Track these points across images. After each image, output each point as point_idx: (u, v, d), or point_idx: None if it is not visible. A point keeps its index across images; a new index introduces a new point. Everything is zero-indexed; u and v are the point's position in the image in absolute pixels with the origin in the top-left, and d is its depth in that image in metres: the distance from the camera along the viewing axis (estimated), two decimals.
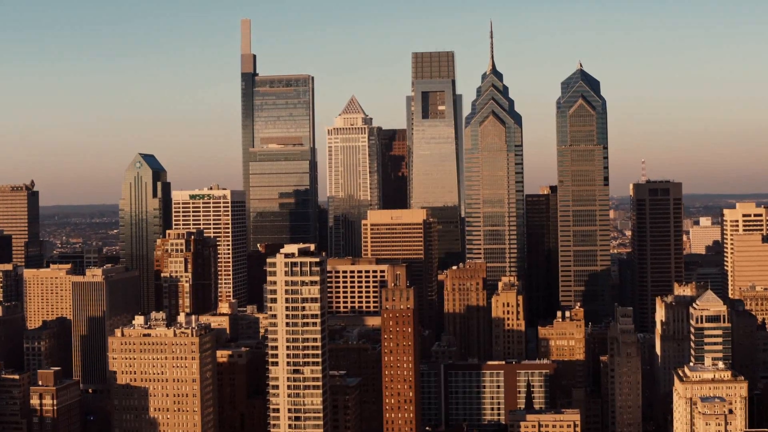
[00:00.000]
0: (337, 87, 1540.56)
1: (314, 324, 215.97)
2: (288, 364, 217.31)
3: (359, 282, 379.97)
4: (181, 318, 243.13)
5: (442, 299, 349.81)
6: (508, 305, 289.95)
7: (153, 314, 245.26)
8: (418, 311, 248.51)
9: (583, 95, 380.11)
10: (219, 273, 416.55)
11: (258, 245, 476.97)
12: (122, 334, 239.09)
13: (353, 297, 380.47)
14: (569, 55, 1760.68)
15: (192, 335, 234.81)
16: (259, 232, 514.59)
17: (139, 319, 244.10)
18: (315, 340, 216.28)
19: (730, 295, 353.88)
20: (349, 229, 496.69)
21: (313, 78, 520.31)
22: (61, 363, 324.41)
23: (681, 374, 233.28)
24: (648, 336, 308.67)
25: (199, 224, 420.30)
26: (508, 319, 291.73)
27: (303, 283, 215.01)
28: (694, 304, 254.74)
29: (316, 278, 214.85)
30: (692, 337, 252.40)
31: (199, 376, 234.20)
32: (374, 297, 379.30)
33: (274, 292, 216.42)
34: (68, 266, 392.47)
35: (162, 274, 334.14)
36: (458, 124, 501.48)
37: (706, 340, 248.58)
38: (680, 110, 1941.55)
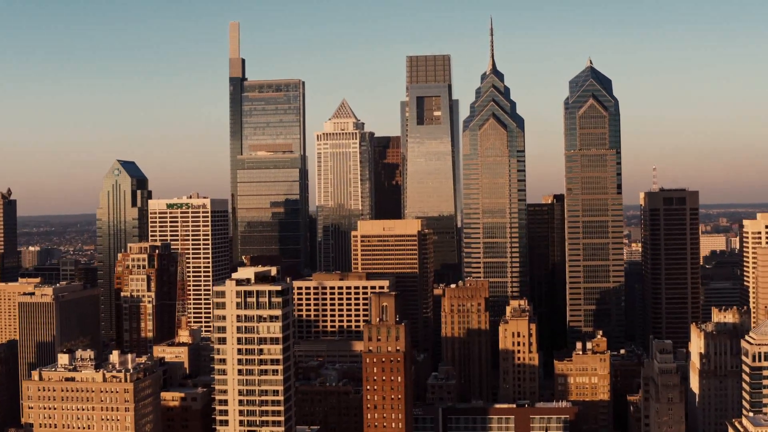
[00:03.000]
0: (329, 92, 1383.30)
1: (275, 372, 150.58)
2: (241, 423, 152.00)
3: (348, 299, 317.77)
4: (114, 357, 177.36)
5: (439, 316, 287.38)
6: (518, 335, 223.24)
7: (79, 352, 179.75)
8: (411, 344, 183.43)
9: (594, 94, 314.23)
10: (197, 290, 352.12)
11: (242, 257, 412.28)
12: (40, 378, 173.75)
13: (341, 316, 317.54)
14: (576, 52, 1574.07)
15: (126, 380, 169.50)
16: (248, 243, 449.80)
17: (63, 358, 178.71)
18: (276, 393, 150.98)
19: (752, 315, 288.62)
20: (339, 240, 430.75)
21: (303, 83, 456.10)
22: (8, 393, 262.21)
23: (740, 429, 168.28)
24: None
25: (177, 235, 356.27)
26: (519, 351, 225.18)
27: (260, 319, 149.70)
28: (748, 337, 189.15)
29: (277, 312, 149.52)
30: (747, 378, 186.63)
31: (134, 430, 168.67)
32: (364, 315, 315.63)
33: (223, 329, 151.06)
34: (37, 280, 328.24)
35: (122, 294, 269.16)
36: (455, 131, 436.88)
37: (766, 382, 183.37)
38: (690, 115, 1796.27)
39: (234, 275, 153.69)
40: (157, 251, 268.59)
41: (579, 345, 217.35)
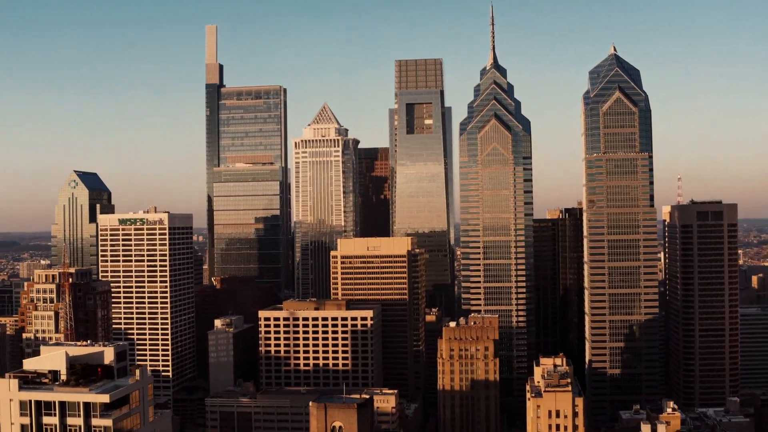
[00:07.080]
0: (312, 100, 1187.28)
1: None
2: None
3: (324, 332, 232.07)
4: None
5: (431, 346, 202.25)
6: (557, 415, 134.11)
7: None
8: None
9: (620, 86, 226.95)
10: (154, 323, 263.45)
11: (212, 279, 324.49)
12: None
13: (316, 352, 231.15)
14: (595, 40, 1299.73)
15: None
16: (226, 262, 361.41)
17: None
18: None
19: None
20: (319, 261, 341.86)
21: (285, 90, 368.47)
22: None
23: None
24: (720, 415, 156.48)
25: (130, 256, 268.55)
26: None
27: None
28: None
29: None
30: None
31: None
32: (343, 352, 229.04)
33: None
34: None
35: (24, 335, 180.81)
36: (447, 140, 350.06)
37: None
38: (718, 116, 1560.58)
39: (27, 362, 65.65)
40: (70, 280, 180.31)
41: (647, 429, 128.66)
